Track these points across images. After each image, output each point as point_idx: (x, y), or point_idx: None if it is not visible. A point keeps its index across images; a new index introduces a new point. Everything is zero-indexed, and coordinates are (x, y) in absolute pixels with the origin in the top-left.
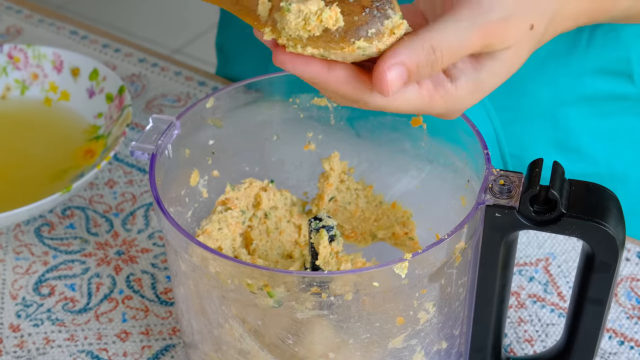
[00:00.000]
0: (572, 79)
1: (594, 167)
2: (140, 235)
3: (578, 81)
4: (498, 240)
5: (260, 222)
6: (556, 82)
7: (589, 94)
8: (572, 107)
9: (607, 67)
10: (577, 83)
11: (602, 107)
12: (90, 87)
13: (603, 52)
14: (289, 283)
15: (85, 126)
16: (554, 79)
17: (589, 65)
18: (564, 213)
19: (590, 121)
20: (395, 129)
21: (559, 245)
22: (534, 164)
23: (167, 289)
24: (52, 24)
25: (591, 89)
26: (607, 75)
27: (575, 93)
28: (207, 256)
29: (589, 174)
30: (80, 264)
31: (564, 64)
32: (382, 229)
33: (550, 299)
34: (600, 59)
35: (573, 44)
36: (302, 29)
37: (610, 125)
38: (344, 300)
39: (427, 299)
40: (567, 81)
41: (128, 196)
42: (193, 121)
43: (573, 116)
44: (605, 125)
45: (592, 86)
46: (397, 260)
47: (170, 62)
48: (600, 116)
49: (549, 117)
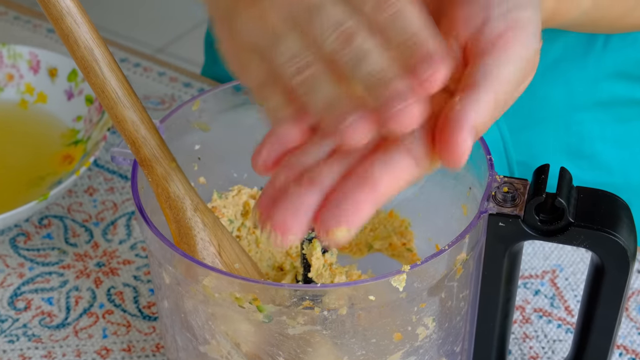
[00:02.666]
0: (587, 82)
1: (608, 176)
2: (122, 246)
3: (593, 85)
4: (502, 251)
5: (249, 232)
6: (570, 85)
7: (604, 98)
8: (586, 112)
9: (625, 70)
10: (593, 87)
11: (619, 112)
12: (69, 89)
13: (620, 54)
14: (279, 297)
15: (64, 130)
16: (567, 82)
17: (605, 68)
18: (572, 222)
19: (605, 127)
20: None
21: (566, 256)
22: (540, 170)
23: (151, 303)
24: (29, 22)
25: (607, 93)
26: (625, 79)
27: (590, 97)
28: (193, 268)
29: (603, 183)
30: (58, 276)
31: (578, 66)
32: (378, 239)
33: (557, 313)
34: (617, 61)
35: (588, 45)
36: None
37: (626, 131)
38: (338, 315)
39: (426, 314)
40: (581, 85)
41: (109, 204)
42: (178, 125)
43: (587, 122)
44: (622, 131)
45: (608, 90)
46: (394, 272)
47: (153, 62)
48: (617, 122)
49: (561, 122)
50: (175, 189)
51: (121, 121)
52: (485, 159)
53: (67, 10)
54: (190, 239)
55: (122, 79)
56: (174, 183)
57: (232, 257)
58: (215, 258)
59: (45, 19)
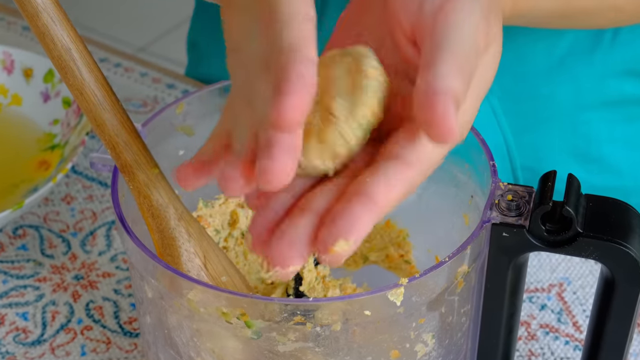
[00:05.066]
0: (595, 80)
1: (618, 180)
2: (102, 257)
3: (601, 83)
4: (506, 263)
5: (236, 243)
6: (576, 83)
7: (613, 96)
8: (594, 111)
9: (634, 68)
10: (600, 85)
11: (628, 111)
12: (45, 90)
13: (630, 50)
14: (269, 312)
15: (39, 134)
16: (573, 81)
17: (614, 65)
18: (580, 232)
19: (614, 128)
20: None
21: (574, 269)
22: (546, 177)
23: (132, 319)
24: (2, 19)
25: (616, 92)
26: (634, 76)
27: (598, 96)
28: (177, 281)
29: (612, 187)
30: (33, 290)
31: (585, 63)
32: (374, 250)
33: (564, 329)
34: (626, 57)
35: (596, 40)
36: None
37: (636, 131)
38: (331, 331)
39: (425, 330)
40: (588, 82)
41: (88, 213)
42: (161, 129)
43: (595, 122)
44: (631, 131)
45: (617, 88)
46: (391, 285)
47: (134, 61)
48: (626, 121)
49: (568, 123)
50: (158, 197)
51: (101, 125)
52: (487, 164)
53: (43, 7)
54: (174, 250)
55: (102, 79)
56: (156, 190)
57: (219, 269)
58: (201, 270)
59: (20, 16)
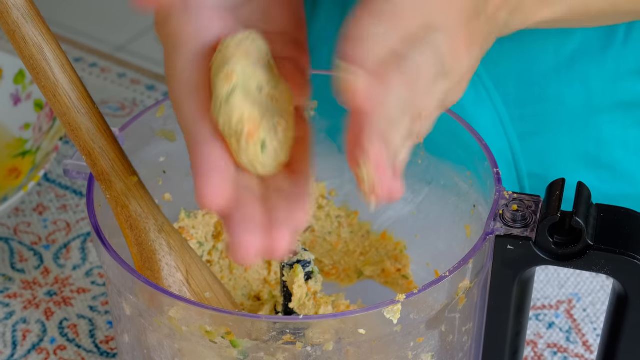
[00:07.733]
0: (606, 81)
1: (631, 187)
2: (76, 272)
3: (613, 83)
4: (511, 278)
5: (221, 257)
6: (587, 84)
7: (626, 98)
8: (605, 114)
9: None
10: (612, 86)
11: None
12: (16, 92)
13: None
14: (256, 330)
15: (9, 139)
16: (584, 82)
17: (627, 65)
18: (591, 245)
19: (627, 131)
20: None
21: (584, 284)
22: (554, 186)
23: (109, 337)
24: None
25: (629, 93)
26: None
27: (610, 98)
28: (157, 297)
29: (625, 195)
30: (2, 306)
31: (596, 62)
32: (369, 264)
33: (574, 349)
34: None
35: (607, 39)
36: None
37: None
38: (323, 351)
39: (424, 350)
40: (600, 83)
41: (61, 225)
42: (140, 134)
43: (607, 125)
44: None
45: (631, 90)
46: (387, 302)
47: (112, 61)
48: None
49: (578, 126)
50: (137, 207)
51: (75, 129)
52: (491, 172)
53: (14, 3)
54: (154, 264)
55: (77, 81)
56: (135, 200)
57: (202, 284)
58: (183, 286)
59: None
